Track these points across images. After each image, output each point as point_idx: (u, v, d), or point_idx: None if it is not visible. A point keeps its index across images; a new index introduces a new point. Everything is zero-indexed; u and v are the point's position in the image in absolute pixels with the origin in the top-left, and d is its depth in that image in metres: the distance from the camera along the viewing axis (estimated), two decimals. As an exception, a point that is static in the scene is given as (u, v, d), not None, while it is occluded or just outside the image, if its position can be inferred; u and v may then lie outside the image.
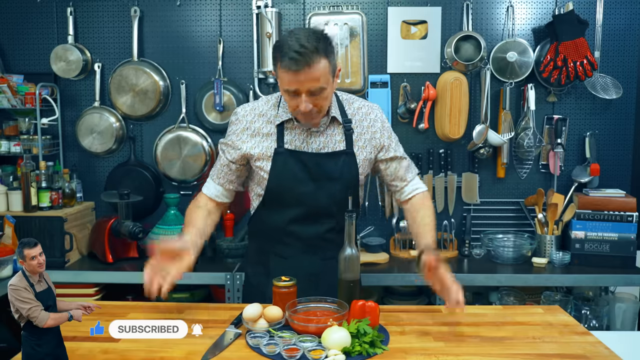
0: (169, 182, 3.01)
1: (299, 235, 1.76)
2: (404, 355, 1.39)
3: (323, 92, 1.59)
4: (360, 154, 1.76)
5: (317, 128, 1.72)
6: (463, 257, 2.86)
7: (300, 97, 1.58)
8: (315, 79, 1.55)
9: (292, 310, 1.52)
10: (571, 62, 2.71)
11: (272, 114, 1.74)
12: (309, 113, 1.61)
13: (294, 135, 1.72)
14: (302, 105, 1.58)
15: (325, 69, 1.56)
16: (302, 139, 1.72)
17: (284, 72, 1.56)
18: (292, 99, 1.60)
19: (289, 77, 1.55)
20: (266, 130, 1.73)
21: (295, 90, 1.57)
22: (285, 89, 1.59)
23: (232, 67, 2.96)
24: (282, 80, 1.59)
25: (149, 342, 1.45)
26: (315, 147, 1.72)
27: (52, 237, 2.62)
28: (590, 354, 1.40)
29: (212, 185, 1.82)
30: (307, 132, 1.72)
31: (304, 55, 1.51)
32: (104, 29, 2.97)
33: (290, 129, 1.73)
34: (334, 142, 1.73)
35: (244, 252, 2.79)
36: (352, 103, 1.80)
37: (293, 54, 1.51)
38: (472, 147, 2.87)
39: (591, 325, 2.61)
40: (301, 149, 1.71)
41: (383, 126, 1.80)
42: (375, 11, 2.92)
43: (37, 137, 2.80)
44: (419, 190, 1.85)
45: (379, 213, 2.99)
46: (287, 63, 1.53)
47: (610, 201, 2.69)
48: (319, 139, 1.72)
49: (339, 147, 1.74)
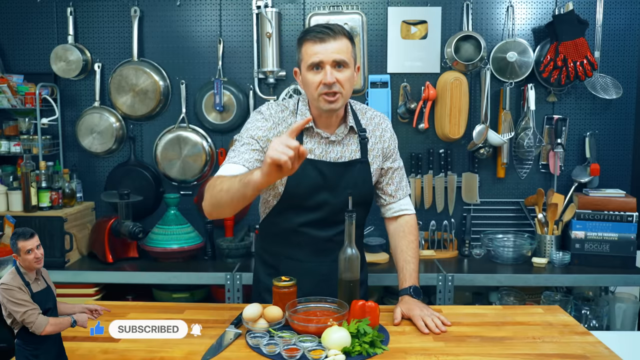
0: (169, 182, 3.01)
1: (310, 238, 1.76)
2: (404, 355, 1.39)
3: (346, 70, 1.63)
4: (374, 163, 1.78)
5: (336, 137, 1.73)
6: (463, 257, 2.86)
7: (324, 69, 1.61)
8: (340, 51, 1.60)
9: (292, 310, 1.52)
10: (571, 62, 2.71)
11: (292, 121, 1.73)
12: (331, 88, 1.60)
13: (313, 144, 1.72)
14: (328, 76, 1.59)
15: (348, 48, 1.63)
16: (322, 149, 1.72)
17: (309, 45, 1.62)
18: (316, 74, 1.62)
19: (315, 48, 1.60)
20: None
21: (320, 62, 1.60)
22: (310, 62, 1.61)
23: (232, 67, 2.96)
24: (306, 54, 1.63)
25: (149, 342, 1.45)
26: (334, 156, 1.73)
27: (52, 237, 2.62)
28: (590, 354, 1.40)
29: (231, 166, 1.64)
30: (325, 141, 1.72)
31: (330, 29, 1.62)
32: (104, 29, 2.97)
33: (309, 137, 1.72)
34: (351, 152, 1.75)
35: (244, 252, 2.79)
36: (365, 112, 1.81)
37: (320, 28, 1.62)
38: (472, 147, 2.87)
39: (591, 325, 2.61)
40: (320, 158, 1.72)
41: (392, 137, 1.83)
42: (375, 11, 2.92)
43: (37, 137, 2.80)
44: (407, 212, 1.87)
45: (379, 213, 2.98)
46: (314, 34, 1.61)
47: (610, 201, 2.69)
48: (336, 149, 1.74)
49: (355, 156, 1.75)
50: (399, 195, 1.86)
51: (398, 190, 1.85)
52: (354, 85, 1.75)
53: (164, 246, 2.72)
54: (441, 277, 2.55)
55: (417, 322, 1.58)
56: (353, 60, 1.66)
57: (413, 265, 1.78)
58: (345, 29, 1.64)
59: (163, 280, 2.63)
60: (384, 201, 1.87)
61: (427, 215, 2.94)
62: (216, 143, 2.98)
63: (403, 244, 1.82)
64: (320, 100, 1.64)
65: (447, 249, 2.89)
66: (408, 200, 1.89)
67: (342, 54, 1.61)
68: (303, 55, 1.64)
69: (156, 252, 2.74)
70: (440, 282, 2.55)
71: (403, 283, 1.77)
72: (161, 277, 2.62)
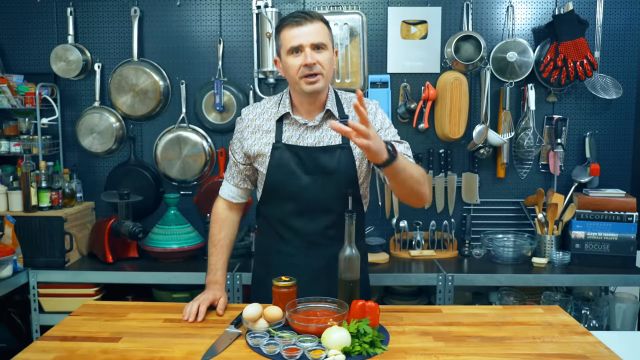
0: (169, 182, 3.01)
1: (298, 230, 1.77)
2: (404, 355, 1.39)
3: (325, 52, 1.66)
4: (357, 147, 1.69)
5: (313, 122, 1.74)
6: (463, 257, 2.86)
7: (303, 52, 1.64)
8: (317, 33, 1.64)
9: (292, 310, 1.52)
10: (571, 62, 2.71)
11: (273, 111, 1.78)
12: (312, 69, 1.63)
13: (291, 131, 1.75)
14: (308, 57, 1.62)
15: (325, 30, 1.68)
16: (299, 135, 1.74)
17: (287, 30, 1.65)
18: (296, 57, 1.65)
19: (292, 32, 1.64)
20: (266, 127, 1.77)
21: (299, 46, 1.64)
22: (290, 47, 1.64)
23: (232, 67, 2.96)
24: (285, 39, 1.66)
25: (149, 342, 1.45)
26: (311, 141, 1.74)
27: (52, 237, 2.63)
28: (590, 354, 1.40)
29: (226, 186, 1.89)
30: (304, 127, 1.75)
31: (307, 13, 1.67)
32: (104, 29, 2.97)
33: (288, 125, 1.76)
34: (329, 137, 1.74)
35: (244, 252, 2.79)
36: (350, 101, 1.80)
37: (296, 13, 1.67)
38: (472, 147, 2.87)
39: (591, 325, 2.61)
40: (297, 143, 1.74)
41: (375, 117, 1.77)
42: (375, 11, 2.92)
43: (37, 137, 2.80)
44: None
45: (379, 213, 2.99)
46: (291, 20, 1.65)
47: (610, 201, 2.69)
48: (314, 134, 1.75)
49: (335, 142, 1.74)
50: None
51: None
52: (334, 67, 1.75)
53: (164, 246, 2.72)
54: (441, 277, 2.55)
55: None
56: (331, 42, 1.70)
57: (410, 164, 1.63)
58: (320, 14, 1.69)
59: (163, 280, 2.63)
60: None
61: (427, 215, 2.94)
62: (216, 143, 2.98)
63: None
64: (302, 83, 1.66)
65: (447, 249, 2.89)
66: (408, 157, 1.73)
67: (319, 37, 1.65)
68: (282, 41, 1.68)
69: (156, 252, 2.74)
70: (440, 282, 2.55)
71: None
72: (161, 277, 2.62)
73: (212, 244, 1.89)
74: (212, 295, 1.71)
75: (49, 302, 2.63)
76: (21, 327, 2.74)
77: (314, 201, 1.73)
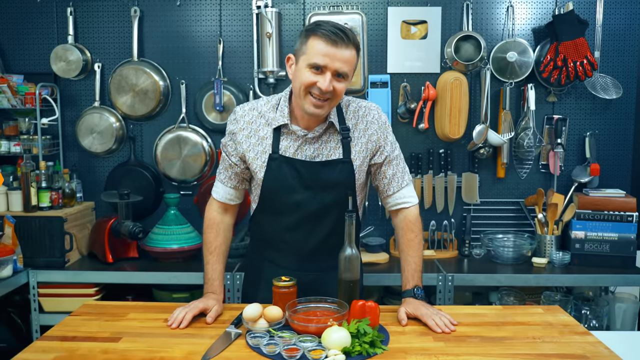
0: (169, 182, 3.01)
1: (293, 244, 1.74)
2: (404, 355, 1.39)
3: (344, 82, 1.58)
4: (357, 159, 1.69)
5: (313, 133, 1.67)
6: (463, 257, 2.86)
7: (324, 75, 1.54)
8: (347, 62, 1.55)
9: (292, 310, 1.52)
10: (571, 62, 2.71)
11: (271, 117, 1.69)
12: (324, 95, 1.56)
13: (289, 141, 1.67)
14: (325, 82, 1.53)
15: (354, 60, 1.59)
16: (297, 146, 1.67)
17: (319, 42, 1.53)
18: (314, 74, 1.55)
19: (324, 48, 1.52)
20: (262, 133, 1.69)
21: (324, 66, 1.54)
22: (313, 62, 1.54)
23: (232, 67, 2.96)
24: (312, 50, 1.54)
25: (149, 342, 1.45)
26: (309, 154, 1.67)
27: (52, 237, 2.63)
28: (590, 354, 1.40)
29: (220, 187, 1.80)
30: (302, 139, 1.67)
31: (345, 33, 1.54)
32: (104, 29, 2.97)
33: (286, 134, 1.67)
34: (329, 149, 1.68)
35: (244, 252, 2.79)
36: (348, 105, 1.74)
37: (334, 29, 1.53)
38: (472, 147, 2.87)
39: (591, 325, 2.61)
40: (295, 155, 1.67)
41: (380, 128, 1.72)
42: (375, 11, 2.92)
43: (37, 137, 2.80)
44: (405, 204, 1.77)
45: (379, 213, 2.99)
46: (327, 33, 1.52)
47: (610, 201, 2.69)
48: (312, 146, 1.67)
49: (334, 155, 1.68)
50: (392, 189, 1.75)
51: (391, 182, 1.75)
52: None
53: (164, 246, 2.72)
54: (441, 277, 2.55)
55: (428, 321, 1.57)
56: (353, 72, 1.61)
57: (414, 265, 1.74)
58: (356, 38, 1.58)
59: (163, 280, 2.64)
60: (381, 195, 1.80)
61: (427, 215, 2.94)
62: (216, 143, 2.98)
63: (403, 242, 1.78)
64: (307, 101, 1.58)
65: (447, 249, 2.89)
66: (407, 191, 1.77)
67: (347, 66, 1.55)
68: (308, 49, 1.55)
69: (156, 252, 2.74)
70: (440, 282, 2.55)
71: (406, 285, 1.73)
72: (161, 277, 2.62)
73: (209, 251, 1.78)
74: (204, 304, 1.65)
75: (49, 302, 2.63)
76: (21, 327, 2.75)
77: (311, 215, 1.70)
